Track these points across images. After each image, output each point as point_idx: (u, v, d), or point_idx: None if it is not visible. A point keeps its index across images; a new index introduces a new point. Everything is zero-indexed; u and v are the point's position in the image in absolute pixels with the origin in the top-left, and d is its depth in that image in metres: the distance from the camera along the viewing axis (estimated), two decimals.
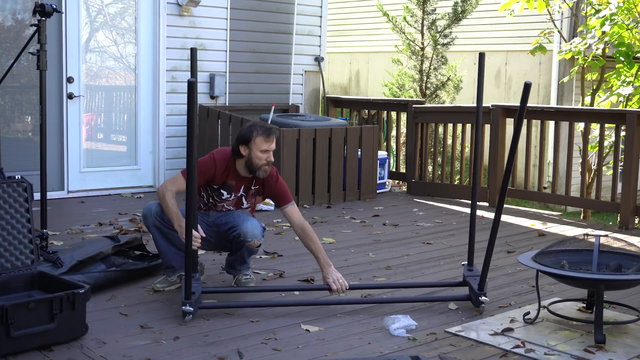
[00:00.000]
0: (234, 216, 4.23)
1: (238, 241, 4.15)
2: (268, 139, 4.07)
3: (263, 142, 4.06)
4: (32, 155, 6.50)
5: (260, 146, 4.05)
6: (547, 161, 10.28)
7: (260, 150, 4.06)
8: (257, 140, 4.05)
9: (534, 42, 8.93)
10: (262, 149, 4.06)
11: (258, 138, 4.05)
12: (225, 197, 4.23)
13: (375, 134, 7.59)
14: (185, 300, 3.74)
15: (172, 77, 7.57)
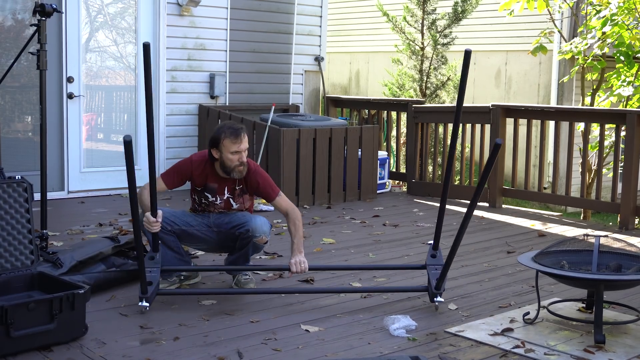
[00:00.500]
0: (238, 215, 4.23)
1: (245, 237, 4.14)
2: (236, 140, 4.04)
3: (231, 143, 4.03)
4: (32, 155, 6.50)
5: (229, 148, 4.04)
6: (547, 161, 10.28)
7: (230, 152, 4.04)
8: (225, 142, 4.04)
9: (534, 42, 8.93)
10: (231, 150, 4.04)
11: (226, 140, 4.03)
12: (211, 199, 4.23)
13: (375, 134, 7.59)
14: (142, 295, 3.78)
15: (172, 77, 7.57)
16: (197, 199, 4.28)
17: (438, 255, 4.10)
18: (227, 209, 4.28)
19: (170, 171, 4.24)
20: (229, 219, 4.22)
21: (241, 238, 4.16)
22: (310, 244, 5.46)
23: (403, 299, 4.26)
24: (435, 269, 4.00)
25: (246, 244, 4.18)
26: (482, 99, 12.10)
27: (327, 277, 4.66)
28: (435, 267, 4.02)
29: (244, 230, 4.13)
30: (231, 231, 4.19)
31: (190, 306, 4.02)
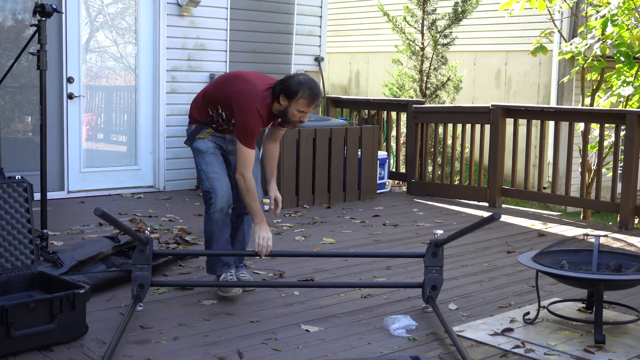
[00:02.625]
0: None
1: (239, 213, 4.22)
2: (311, 104, 3.96)
3: (305, 104, 3.94)
4: (32, 155, 6.50)
5: (300, 106, 3.94)
6: (547, 161, 10.28)
7: (297, 110, 3.95)
8: (300, 101, 3.92)
9: (534, 43, 8.93)
10: (300, 109, 3.95)
11: (302, 100, 3.92)
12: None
13: (375, 134, 7.59)
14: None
15: (172, 77, 7.57)
16: (214, 117, 4.11)
17: (439, 254, 3.99)
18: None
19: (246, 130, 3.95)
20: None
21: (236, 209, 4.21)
22: (310, 244, 5.46)
23: (403, 299, 4.26)
24: (434, 271, 3.96)
25: (241, 222, 4.25)
26: (482, 99, 12.11)
27: (327, 277, 4.66)
28: (433, 268, 3.96)
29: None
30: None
31: (190, 306, 4.02)
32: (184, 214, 6.42)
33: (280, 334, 3.64)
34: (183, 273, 4.65)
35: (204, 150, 4.13)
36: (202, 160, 4.13)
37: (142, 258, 3.82)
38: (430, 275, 3.93)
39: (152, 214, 6.37)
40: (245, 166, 3.94)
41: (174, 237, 5.53)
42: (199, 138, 4.13)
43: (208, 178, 4.11)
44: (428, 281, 3.93)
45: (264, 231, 3.97)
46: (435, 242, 3.92)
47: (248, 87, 3.98)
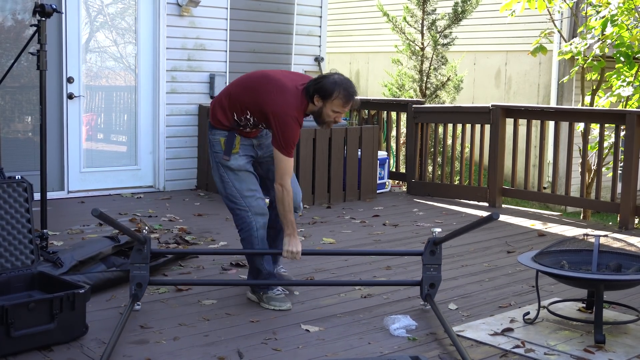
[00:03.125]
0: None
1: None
2: (346, 105, 3.89)
3: (340, 105, 3.87)
4: (32, 155, 6.50)
5: (335, 107, 3.87)
6: (547, 161, 10.29)
7: (332, 110, 3.88)
8: (335, 101, 3.85)
9: (534, 43, 8.94)
10: (335, 109, 3.88)
11: (337, 100, 3.84)
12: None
13: (375, 134, 7.60)
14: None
15: (172, 77, 7.57)
16: (247, 124, 3.97)
17: (438, 252, 3.96)
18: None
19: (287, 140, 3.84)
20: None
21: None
22: (310, 244, 5.46)
23: (403, 298, 4.26)
24: (432, 269, 3.94)
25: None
26: (482, 99, 12.11)
27: (327, 277, 4.66)
28: (432, 266, 3.93)
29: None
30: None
31: (190, 306, 4.02)
32: (184, 214, 6.42)
33: (280, 334, 3.64)
34: (183, 273, 4.65)
35: (236, 168, 3.99)
36: (235, 177, 3.98)
37: (140, 257, 3.81)
38: (429, 274, 3.92)
39: (152, 214, 6.37)
40: (284, 176, 3.85)
41: (174, 237, 5.53)
42: (233, 153, 3.98)
43: (243, 196, 3.97)
44: (426, 279, 3.92)
45: (294, 245, 3.92)
46: (433, 241, 3.92)
47: (282, 94, 3.83)
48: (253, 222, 3.98)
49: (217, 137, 4.00)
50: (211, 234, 5.71)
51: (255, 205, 3.98)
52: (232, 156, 3.97)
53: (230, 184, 4.00)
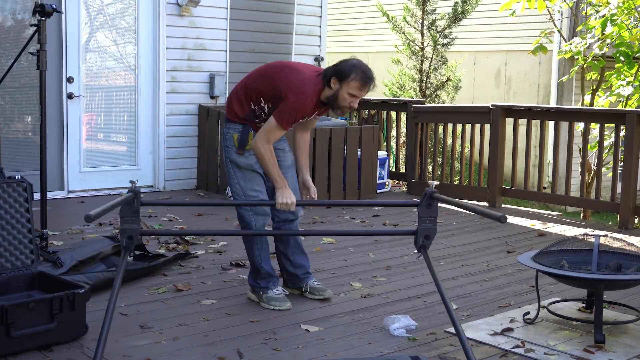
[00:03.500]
0: (288, 178, 4.04)
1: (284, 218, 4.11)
2: (363, 88, 3.82)
3: (357, 88, 3.80)
4: (32, 155, 6.50)
5: (352, 89, 3.80)
6: (547, 161, 10.29)
7: (349, 93, 3.81)
8: (352, 83, 3.79)
9: (534, 42, 8.94)
10: (352, 92, 3.82)
11: (354, 82, 3.79)
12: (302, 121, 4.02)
13: (375, 134, 7.59)
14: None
15: (172, 77, 7.57)
16: (262, 114, 3.94)
17: (434, 206, 3.73)
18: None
19: (291, 114, 3.81)
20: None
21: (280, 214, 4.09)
22: (310, 244, 5.46)
23: (403, 298, 4.27)
24: (428, 221, 3.69)
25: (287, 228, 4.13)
26: (482, 99, 12.11)
27: (327, 277, 4.66)
28: (427, 219, 3.69)
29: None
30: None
31: (190, 306, 4.02)
32: (184, 214, 6.41)
33: (280, 333, 3.64)
34: (183, 273, 4.65)
35: (244, 166, 3.97)
36: (242, 175, 3.98)
37: (130, 211, 3.72)
38: (424, 225, 3.76)
39: (152, 213, 6.36)
40: (262, 134, 3.80)
41: (174, 237, 5.52)
42: (246, 149, 3.96)
43: (246, 195, 3.97)
44: (422, 231, 3.77)
45: (287, 196, 3.79)
46: (430, 194, 3.74)
47: (299, 75, 3.83)
48: (253, 221, 3.98)
49: (230, 132, 3.99)
50: None
51: (257, 207, 3.98)
52: (245, 152, 3.95)
53: (236, 181, 3.99)
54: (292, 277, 4.23)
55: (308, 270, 4.26)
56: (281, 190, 3.83)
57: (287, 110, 3.79)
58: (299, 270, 4.21)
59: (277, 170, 3.87)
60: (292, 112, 3.80)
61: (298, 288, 4.23)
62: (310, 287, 4.20)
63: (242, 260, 4.94)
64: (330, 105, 3.91)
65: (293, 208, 3.83)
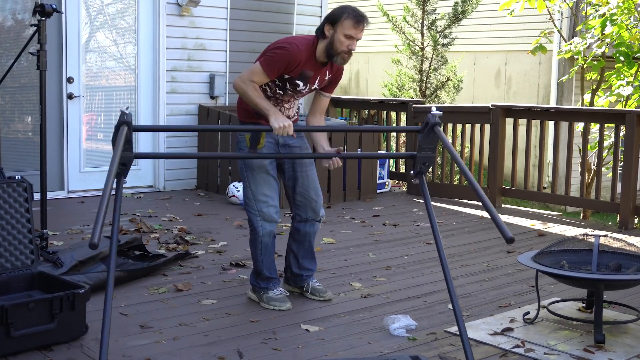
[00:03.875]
0: (309, 176, 4.06)
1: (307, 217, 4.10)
2: (357, 26, 3.76)
3: (351, 27, 3.75)
4: (32, 155, 6.50)
5: (346, 30, 3.75)
6: (547, 161, 10.28)
7: (344, 35, 3.75)
8: (345, 23, 3.75)
9: (534, 42, 8.94)
10: (347, 33, 3.75)
11: (346, 21, 3.75)
12: (300, 88, 3.89)
13: (375, 134, 7.59)
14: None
15: (172, 77, 7.57)
16: (276, 89, 3.89)
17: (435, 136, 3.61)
18: (299, 97, 4.01)
19: (275, 59, 3.75)
20: (301, 172, 4.07)
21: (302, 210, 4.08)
22: None
23: (403, 298, 4.27)
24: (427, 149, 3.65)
25: (308, 227, 4.13)
26: (482, 99, 12.11)
27: (327, 277, 4.66)
28: (427, 147, 3.65)
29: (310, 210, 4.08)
30: (295, 190, 4.08)
31: (190, 306, 4.02)
32: (184, 213, 6.42)
33: (280, 333, 3.64)
34: (183, 273, 4.65)
35: (256, 168, 3.92)
36: (253, 179, 3.94)
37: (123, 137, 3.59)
38: (424, 153, 3.73)
39: (152, 213, 6.37)
40: (247, 74, 3.75)
41: (174, 237, 5.53)
42: (258, 148, 3.92)
43: (256, 200, 3.93)
44: (420, 158, 3.75)
45: (280, 120, 3.65)
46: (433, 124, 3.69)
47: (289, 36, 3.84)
48: (260, 227, 3.97)
49: (243, 134, 3.96)
50: (211, 233, 5.71)
51: (266, 212, 3.95)
52: (257, 151, 3.92)
53: (247, 184, 3.97)
54: (295, 277, 4.23)
55: (313, 273, 4.26)
56: (274, 115, 3.67)
57: (272, 55, 3.76)
58: (305, 272, 4.21)
59: (264, 101, 3.75)
60: (277, 57, 3.74)
61: (299, 287, 4.24)
62: (312, 288, 4.20)
63: (242, 260, 4.95)
64: (329, 57, 3.83)
65: (291, 131, 3.68)
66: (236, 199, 6.86)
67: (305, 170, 4.08)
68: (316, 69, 3.87)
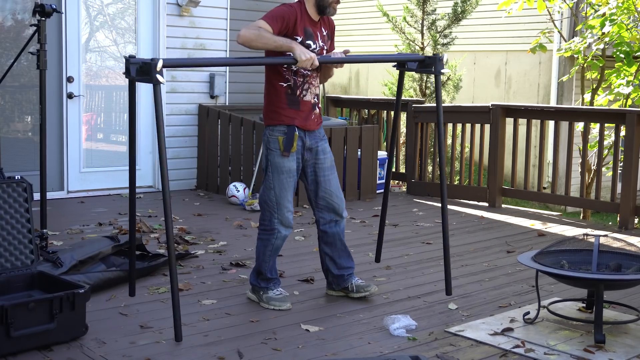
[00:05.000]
0: (331, 180, 4.07)
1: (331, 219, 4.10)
2: None
3: None
4: (32, 155, 6.50)
5: None
6: (547, 161, 10.29)
7: None
8: None
9: (534, 42, 8.94)
10: None
11: None
12: (312, 48, 3.91)
13: (375, 133, 7.59)
14: None
15: (172, 76, 7.57)
16: (291, 72, 3.91)
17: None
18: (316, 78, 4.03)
19: (273, 16, 3.84)
20: (324, 176, 4.06)
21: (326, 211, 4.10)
22: (310, 244, 5.46)
23: (403, 298, 4.26)
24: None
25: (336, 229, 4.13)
26: (482, 98, 12.11)
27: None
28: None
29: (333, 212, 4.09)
30: (318, 193, 4.07)
31: (190, 306, 4.02)
32: (184, 213, 6.41)
33: (280, 333, 3.64)
34: (183, 273, 4.65)
35: (285, 172, 3.95)
36: (279, 182, 3.94)
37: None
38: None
39: (152, 214, 6.36)
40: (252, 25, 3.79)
41: (174, 236, 5.52)
42: (291, 152, 3.94)
43: (279, 204, 3.95)
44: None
45: (303, 52, 3.72)
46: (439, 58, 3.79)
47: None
48: (276, 230, 3.98)
49: (275, 135, 3.96)
50: (211, 233, 5.70)
51: (286, 217, 3.98)
52: (282, 157, 3.93)
53: (271, 185, 3.96)
54: (337, 279, 4.21)
55: (353, 270, 4.25)
56: (298, 48, 3.73)
57: (270, 12, 3.88)
58: (345, 272, 4.20)
59: (277, 38, 3.79)
60: (275, 10, 3.86)
61: (343, 289, 4.22)
62: (356, 286, 4.18)
63: (242, 260, 4.95)
64: (320, 10, 3.93)
65: (317, 63, 3.75)
66: (236, 199, 6.86)
67: (327, 175, 4.09)
68: (313, 25, 3.96)
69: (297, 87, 3.95)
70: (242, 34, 3.74)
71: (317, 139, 4.06)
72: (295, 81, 3.94)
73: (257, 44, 3.75)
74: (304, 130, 3.99)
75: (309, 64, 3.73)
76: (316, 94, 4.04)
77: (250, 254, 5.15)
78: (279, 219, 3.97)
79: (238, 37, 3.75)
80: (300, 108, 3.96)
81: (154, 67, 3.35)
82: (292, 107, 3.95)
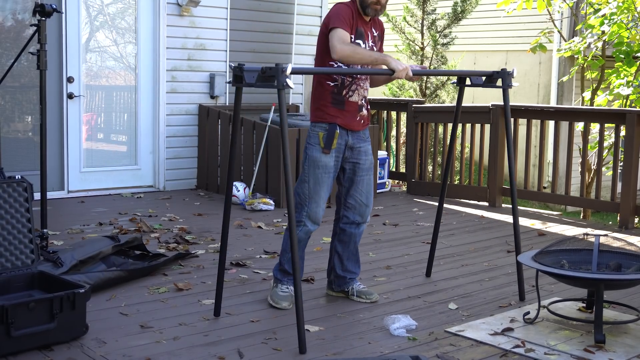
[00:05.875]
0: (365, 181, 4.08)
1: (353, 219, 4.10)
2: None
3: None
4: (32, 155, 6.50)
5: None
6: (547, 161, 10.29)
7: None
8: None
9: (533, 42, 8.94)
10: None
11: None
12: (362, 47, 3.93)
13: (375, 133, 7.59)
14: None
15: (172, 77, 7.57)
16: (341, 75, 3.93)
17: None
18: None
19: (343, 20, 3.82)
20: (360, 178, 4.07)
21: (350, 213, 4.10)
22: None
23: (403, 298, 4.26)
24: None
25: (354, 229, 4.14)
26: (482, 98, 12.11)
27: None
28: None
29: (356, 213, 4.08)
30: (349, 191, 4.07)
31: (190, 306, 4.02)
32: (184, 213, 6.42)
33: (280, 333, 3.64)
34: (183, 272, 4.65)
35: (321, 167, 3.95)
36: (314, 176, 3.95)
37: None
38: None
39: (152, 213, 6.37)
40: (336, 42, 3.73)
41: (174, 236, 5.52)
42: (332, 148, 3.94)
43: (311, 197, 3.95)
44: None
45: (399, 63, 3.78)
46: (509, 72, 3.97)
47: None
48: (302, 223, 3.97)
49: (316, 130, 3.98)
50: (211, 233, 5.71)
51: (315, 212, 3.98)
52: (321, 152, 3.94)
53: (306, 179, 3.97)
54: (339, 280, 4.21)
55: (356, 276, 4.25)
56: (391, 61, 3.78)
57: (332, 15, 3.83)
58: (348, 275, 4.20)
59: (373, 52, 3.86)
60: (338, 11, 3.82)
61: (343, 291, 4.22)
62: (357, 291, 4.18)
63: (242, 259, 4.95)
64: (363, 10, 3.92)
65: (410, 73, 3.79)
66: (236, 198, 6.86)
67: (363, 175, 4.09)
68: (364, 25, 3.96)
69: (344, 88, 3.96)
70: (338, 50, 3.75)
71: (361, 140, 4.06)
72: (343, 81, 3.96)
73: (354, 60, 3.79)
74: (346, 130, 3.99)
75: (404, 74, 3.78)
76: (364, 96, 4.05)
77: (250, 253, 5.15)
78: (307, 213, 3.97)
79: (334, 52, 3.75)
80: (345, 108, 3.97)
81: (282, 72, 3.35)
82: (336, 106, 3.96)
